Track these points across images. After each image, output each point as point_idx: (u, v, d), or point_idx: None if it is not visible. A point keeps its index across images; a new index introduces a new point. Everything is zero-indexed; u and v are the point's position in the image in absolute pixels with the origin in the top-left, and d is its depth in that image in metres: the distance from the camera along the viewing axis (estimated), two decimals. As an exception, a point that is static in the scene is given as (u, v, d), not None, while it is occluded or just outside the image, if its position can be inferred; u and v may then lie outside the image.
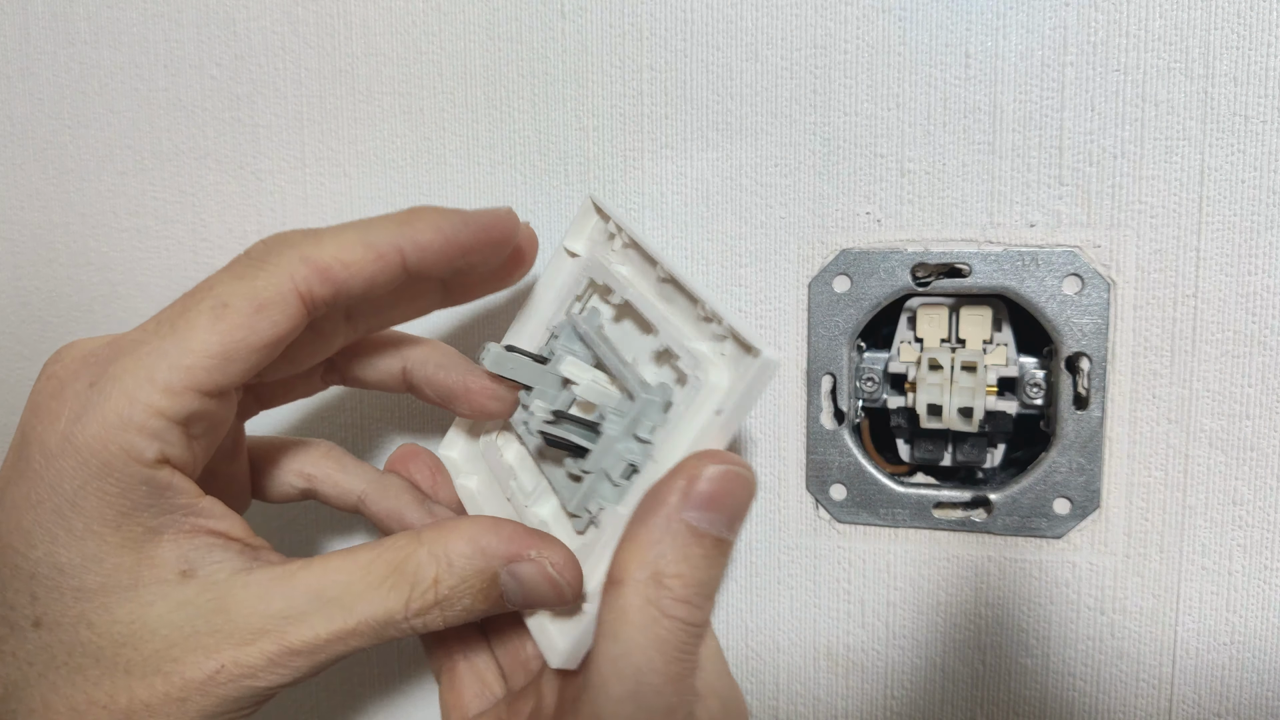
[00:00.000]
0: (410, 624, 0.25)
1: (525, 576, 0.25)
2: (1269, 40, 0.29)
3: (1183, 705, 0.32)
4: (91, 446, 0.23)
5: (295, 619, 0.24)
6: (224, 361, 0.24)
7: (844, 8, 0.32)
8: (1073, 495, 0.32)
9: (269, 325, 0.24)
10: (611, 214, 0.30)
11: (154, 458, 0.23)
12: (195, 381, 0.23)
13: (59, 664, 0.23)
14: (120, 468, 0.23)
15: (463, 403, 0.30)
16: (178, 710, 0.23)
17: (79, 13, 0.39)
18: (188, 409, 0.23)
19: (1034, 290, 0.31)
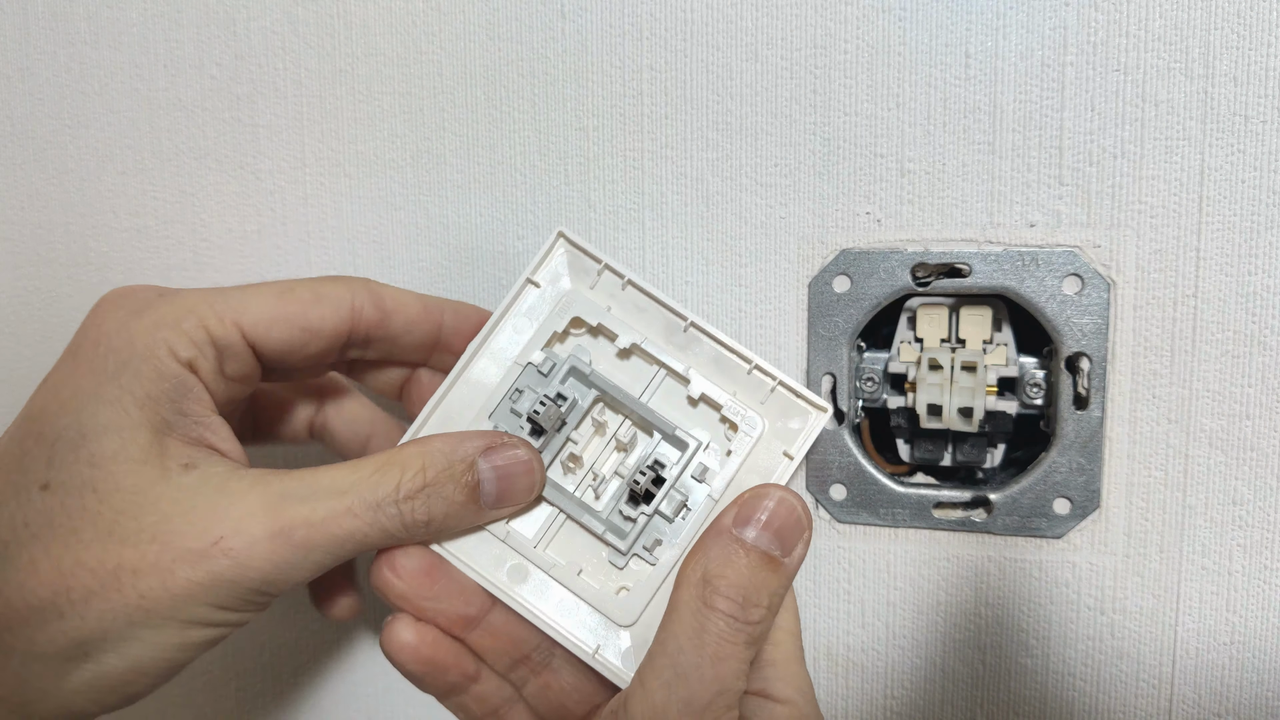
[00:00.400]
0: (400, 509, 0.27)
1: (498, 460, 0.28)
2: (1269, 40, 0.29)
3: (1183, 705, 0.32)
4: (141, 335, 0.26)
5: (293, 499, 0.26)
6: (272, 323, 0.28)
7: (844, 8, 0.32)
8: (1073, 495, 0.32)
9: (318, 316, 0.28)
10: (618, 269, 0.30)
11: (186, 359, 0.26)
12: (243, 324, 0.27)
13: (56, 527, 0.25)
14: (159, 357, 0.26)
15: None
16: (164, 578, 0.24)
17: (79, 13, 0.39)
18: (229, 340, 0.27)
19: (1034, 290, 0.31)
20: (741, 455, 0.30)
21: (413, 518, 0.27)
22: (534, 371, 0.30)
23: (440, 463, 0.27)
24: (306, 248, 0.38)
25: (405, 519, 0.27)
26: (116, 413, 0.26)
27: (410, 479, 0.27)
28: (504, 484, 0.28)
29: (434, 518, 0.27)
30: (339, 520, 0.26)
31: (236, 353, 0.28)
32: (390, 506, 0.27)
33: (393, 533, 0.27)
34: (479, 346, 0.30)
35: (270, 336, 0.28)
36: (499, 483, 0.28)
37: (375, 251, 0.37)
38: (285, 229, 0.38)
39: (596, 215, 0.35)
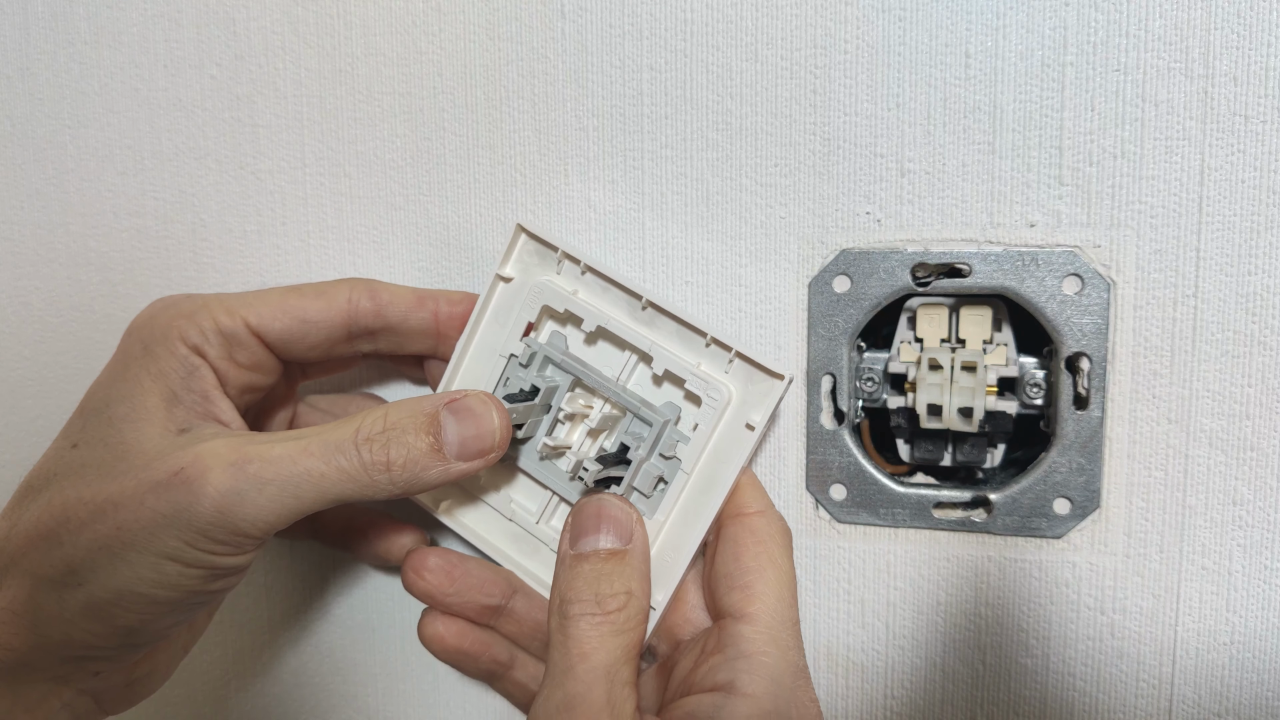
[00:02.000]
0: (359, 449, 0.28)
1: (460, 408, 0.29)
2: (1269, 40, 0.29)
3: (1183, 705, 0.32)
4: (160, 326, 0.31)
5: (256, 441, 0.28)
6: (275, 316, 0.31)
7: (844, 8, 0.32)
8: (1073, 495, 0.32)
9: (315, 308, 0.32)
10: (580, 256, 0.32)
11: (194, 344, 0.30)
12: (249, 317, 0.31)
13: (73, 473, 0.29)
14: (172, 341, 0.30)
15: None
16: (136, 509, 0.27)
17: (79, 13, 0.39)
18: (234, 329, 0.31)
19: (1034, 290, 0.31)
20: (709, 428, 0.31)
21: (371, 458, 0.28)
22: (516, 363, 0.32)
23: (403, 411, 0.29)
24: (306, 248, 0.38)
25: (364, 458, 0.28)
26: (133, 386, 0.30)
27: (370, 423, 0.29)
28: (465, 429, 0.29)
29: (394, 461, 0.28)
30: (294, 456, 0.28)
31: (243, 341, 0.31)
32: (349, 447, 0.28)
33: (352, 474, 0.28)
34: (465, 344, 0.33)
35: (273, 327, 0.31)
36: (460, 428, 0.29)
37: (375, 251, 0.37)
38: (285, 229, 0.38)
39: (596, 215, 0.35)
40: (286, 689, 0.41)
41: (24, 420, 0.42)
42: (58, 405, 0.41)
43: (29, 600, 0.27)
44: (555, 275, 0.32)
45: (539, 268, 0.33)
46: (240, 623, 0.41)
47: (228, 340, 0.31)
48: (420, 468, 0.29)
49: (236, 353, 0.31)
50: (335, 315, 0.32)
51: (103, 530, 0.27)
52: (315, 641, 0.40)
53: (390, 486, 0.28)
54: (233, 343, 0.31)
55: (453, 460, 0.29)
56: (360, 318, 0.32)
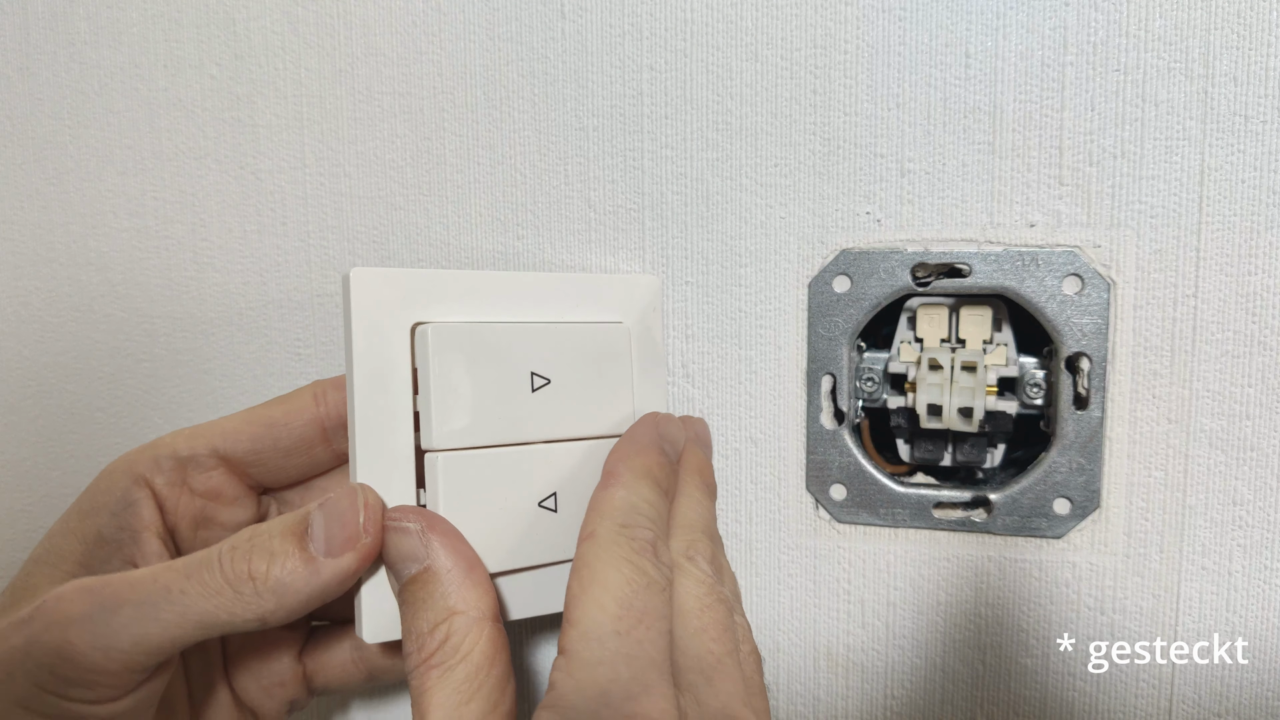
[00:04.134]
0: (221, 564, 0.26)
1: (329, 504, 0.27)
2: (1269, 40, 0.29)
3: (1183, 705, 0.32)
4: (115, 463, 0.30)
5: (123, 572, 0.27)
6: (239, 430, 0.30)
7: (844, 8, 0.32)
8: (1073, 495, 0.32)
9: (281, 411, 0.31)
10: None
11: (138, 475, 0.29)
12: (213, 439, 0.30)
13: None
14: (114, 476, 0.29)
15: None
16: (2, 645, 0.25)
17: (79, 13, 0.39)
18: (193, 452, 0.30)
19: (1034, 290, 0.31)
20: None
21: (233, 569, 0.25)
22: None
23: (276, 520, 0.27)
24: (306, 248, 0.38)
25: (225, 571, 0.25)
26: (62, 527, 0.29)
27: (239, 536, 0.26)
28: (332, 523, 0.26)
29: (256, 570, 0.25)
30: (156, 575, 0.25)
31: (201, 464, 0.30)
32: (212, 561, 0.26)
33: (215, 589, 0.25)
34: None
35: (240, 442, 0.30)
36: (327, 523, 0.26)
37: (375, 251, 0.37)
38: (285, 229, 0.38)
39: (596, 215, 0.35)
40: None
41: (24, 420, 0.42)
42: (58, 405, 0.41)
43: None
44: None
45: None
46: (240, 623, 0.41)
47: (182, 465, 0.30)
48: (286, 572, 0.26)
49: (192, 479, 0.30)
50: (303, 413, 0.30)
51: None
52: (315, 641, 0.40)
53: (258, 600, 0.25)
54: (189, 467, 0.30)
55: (320, 558, 0.26)
56: (331, 410, 0.31)
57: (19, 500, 0.42)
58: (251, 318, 0.39)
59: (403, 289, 0.29)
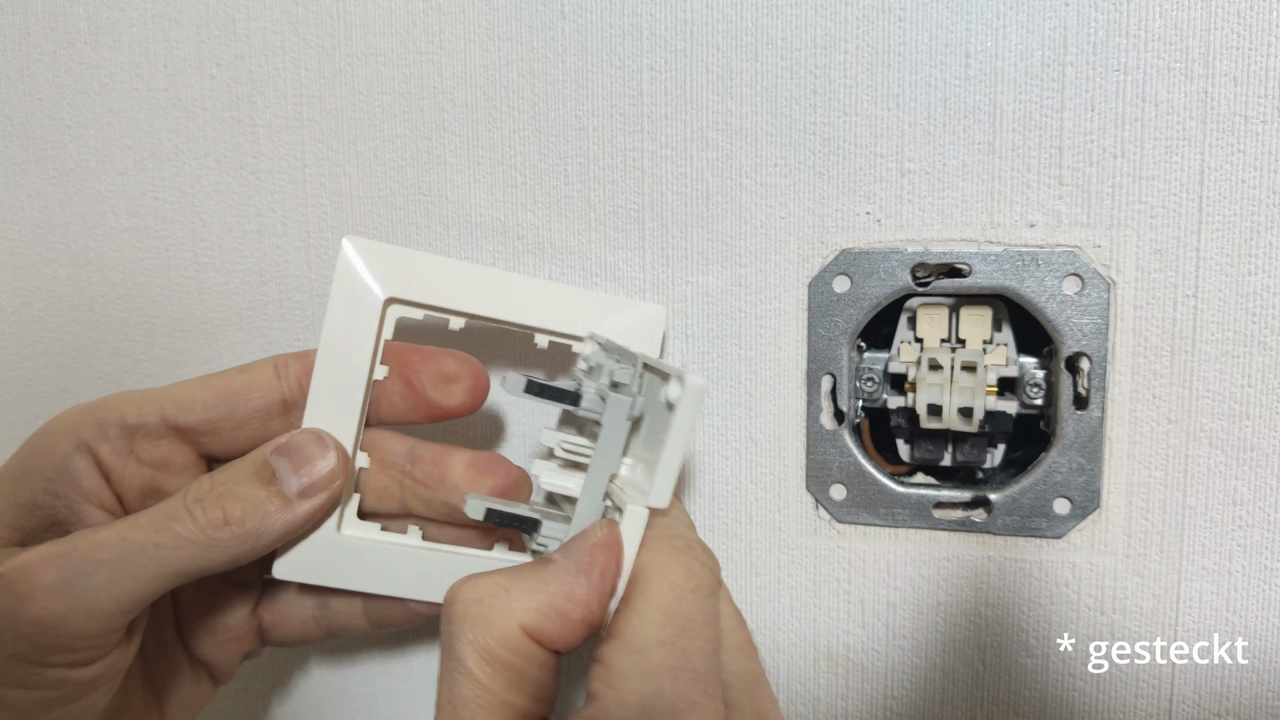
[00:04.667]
0: (191, 512, 0.26)
1: (290, 448, 0.28)
2: (1269, 40, 0.29)
3: (1183, 705, 0.32)
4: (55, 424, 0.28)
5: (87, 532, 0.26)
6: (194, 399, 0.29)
7: (844, 8, 0.32)
8: (1073, 495, 0.32)
9: (241, 382, 0.29)
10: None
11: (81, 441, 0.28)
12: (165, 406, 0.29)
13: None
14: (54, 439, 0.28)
15: None
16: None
17: (79, 13, 0.39)
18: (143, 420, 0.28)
19: (1034, 290, 0.31)
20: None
21: (205, 517, 0.26)
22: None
23: (231, 467, 0.28)
24: (306, 248, 0.38)
25: (198, 519, 0.26)
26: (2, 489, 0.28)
27: (198, 485, 0.27)
28: (298, 461, 0.28)
29: (230, 514, 0.26)
30: (124, 533, 0.25)
31: (150, 432, 0.29)
32: (180, 512, 0.26)
33: (190, 538, 0.26)
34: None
35: (194, 411, 0.29)
36: (292, 460, 0.27)
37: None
38: (285, 229, 0.38)
39: (596, 215, 0.35)
40: (286, 689, 0.41)
41: (24, 420, 0.42)
42: (58, 405, 0.41)
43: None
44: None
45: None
46: (240, 623, 0.41)
47: (131, 434, 0.28)
48: (262, 515, 0.27)
49: (140, 448, 0.29)
50: (262, 384, 0.30)
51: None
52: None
53: (234, 543, 0.26)
54: (138, 436, 0.29)
55: (295, 499, 0.27)
56: (293, 383, 0.30)
57: (19, 500, 0.43)
58: (251, 318, 0.39)
59: (388, 265, 0.30)
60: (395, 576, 0.30)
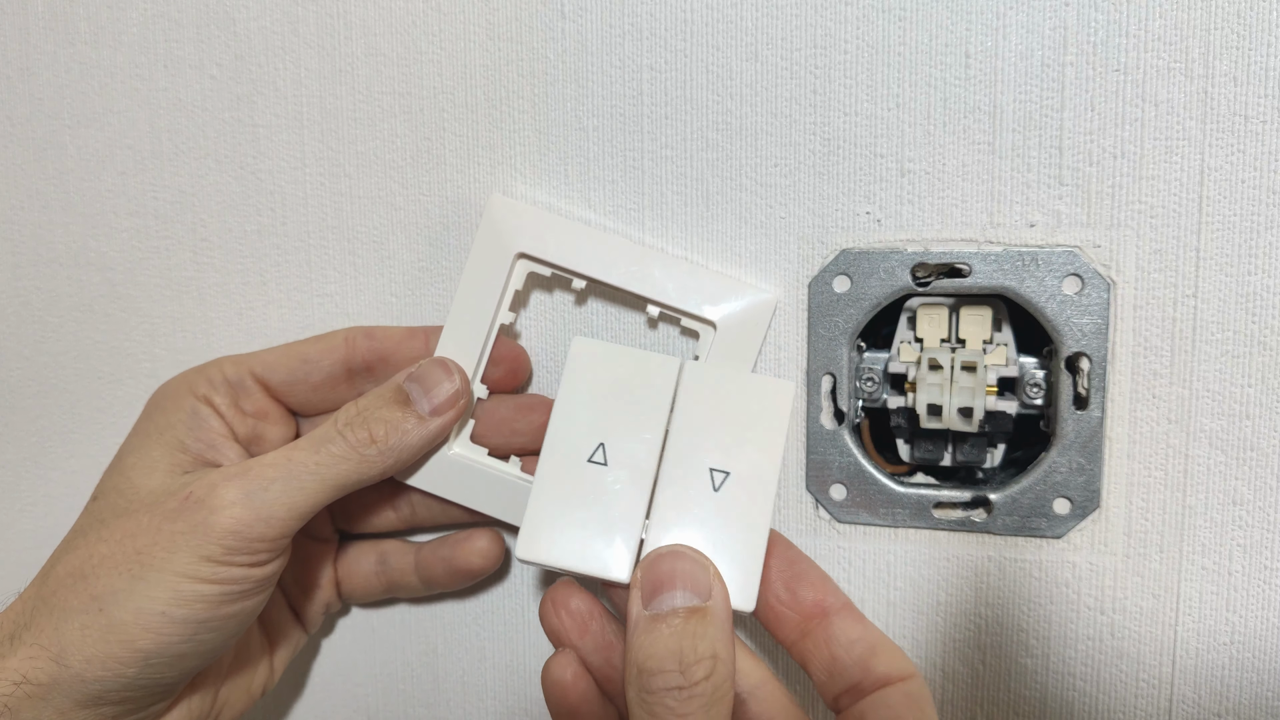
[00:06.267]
0: (343, 434, 0.31)
1: (418, 374, 0.32)
2: (1269, 40, 0.29)
3: (1183, 705, 0.32)
4: (173, 384, 0.34)
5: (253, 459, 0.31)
6: (276, 362, 0.34)
7: (844, 8, 0.32)
8: (1073, 495, 0.32)
9: (314, 350, 0.34)
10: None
11: (203, 395, 0.33)
12: (254, 366, 0.34)
13: (96, 522, 0.31)
14: (180, 396, 0.33)
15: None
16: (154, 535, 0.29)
17: (79, 13, 0.39)
18: (239, 378, 0.34)
19: (1034, 290, 0.31)
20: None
21: (354, 437, 0.31)
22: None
23: (370, 395, 0.32)
24: (306, 248, 0.38)
25: (349, 440, 0.31)
26: (143, 439, 0.33)
27: (344, 412, 0.32)
28: (428, 385, 0.32)
29: (376, 434, 0.31)
30: (288, 455, 0.30)
31: (248, 389, 0.34)
32: (333, 434, 0.31)
33: (343, 455, 0.31)
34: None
35: (275, 372, 0.34)
36: (423, 385, 0.32)
37: (375, 251, 0.37)
38: (285, 229, 0.38)
39: (596, 215, 0.35)
40: (287, 689, 0.41)
41: (24, 420, 0.42)
42: (57, 405, 0.41)
43: (54, 632, 0.29)
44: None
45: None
46: (240, 623, 0.41)
47: (234, 389, 0.34)
48: (401, 432, 0.31)
49: (243, 400, 0.34)
50: (334, 352, 0.34)
51: (124, 561, 0.29)
52: (316, 641, 0.40)
53: (381, 458, 0.31)
54: (239, 391, 0.34)
55: (428, 416, 0.32)
56: (357, 353, 0.34)
57: (20, 500, 0.43)
58: (251, 318, 0.39)
59: (525, 223, 0.34)
60: (490, 497, 0.34)
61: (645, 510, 0.29)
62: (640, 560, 0.28)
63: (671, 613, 0.27)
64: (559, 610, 0.30)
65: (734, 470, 0.29)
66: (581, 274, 0.34)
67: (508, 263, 0.34)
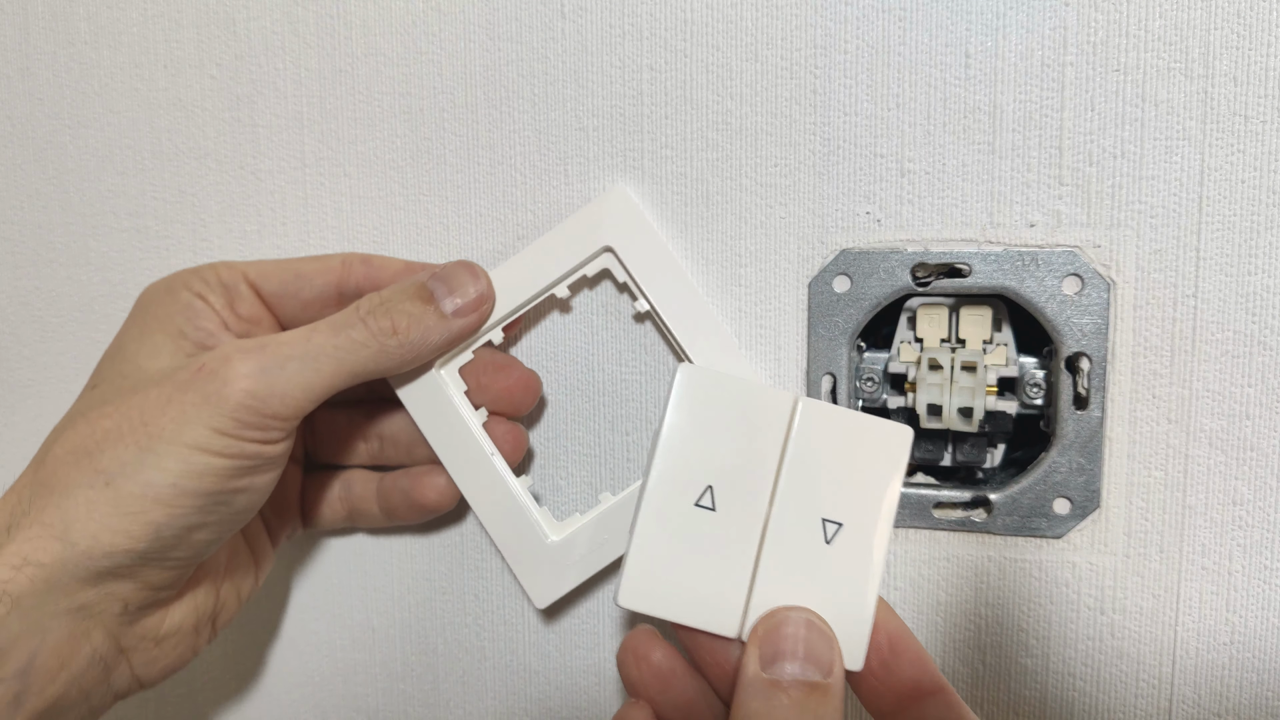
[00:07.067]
0: (364, 321, 0.30)
1: (445, 274, 0.32)
2: (1269, 40, 0.29)
3: (1183, 705, 0.32)
4: (169, 281, 0.33)
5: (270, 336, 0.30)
6: (271, 271, 0.34)
7: (844, 8, 0.32)
8: (1073, 495, 0.32)
9: (310, 267, 0.34)
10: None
11: (198, 291, 0.32)
12: (249, 273, 0.33)
13: (99, 402, 0.30)
14: (176, 291, 0.33)
15: None
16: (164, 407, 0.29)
17: (79, 13, 0.39)
18: (233, 281, 0.33)
19: (1034, 290, 0.31)
20: None
21: (376, 325, 0.30)
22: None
23: (394, 288, 0.32)
24: (306, 248, 0.38)
25: (370, 327, 0.30)
26: (143, 329, 0.32)
27: (367, 301, 0.31)
28: (453, 285, 0.32)
29: (398, 325, 0.31)
30: (307, 336, 0.30)
31: (242, 295, 0.33)
32: (354, 320, 0.30)
33: (363, 342, 0.30)
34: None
35: (268, 281, 0.33)
36: (448, 284, 0.32)
37: (375, 251, 0.37)
38: (285, 229, 0.38)
39: (596, 215, 0.35)
40: (287, 689, 0.41)
41: (24, 420, 0.42)
42: (57, 405, 0.41)
43: (57, 510, 0.28)
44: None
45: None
46: (240, 623, 0.41)
47: (229, 291, 0.33)
48: (424, 328, 0.31)
49: (237, 304, 0.33)
50: (329, 273, 0.34)
51: (133, 435, 0.28)
52: (316, 641, 0.40)
53: (400, 350, 0.31)
54: (233, 294, 0.33)
55: (451, 318, 0.32)
56: (352, 277, 0.34)
57: (19, 500, 0.43)
58: (251, 318, 0.39)
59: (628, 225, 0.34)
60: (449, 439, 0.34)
61: (754, 560, 0.27)
62: (763, 618, 0.27)
63: (793, 684, 0.25)
64: (640, 663, 0.28)
65: (847, 521, 0.27)
66: (647, 300, 0.34)
67: (592, 249, 0.34)
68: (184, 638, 0.32)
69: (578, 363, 0.36)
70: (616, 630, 0.37)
